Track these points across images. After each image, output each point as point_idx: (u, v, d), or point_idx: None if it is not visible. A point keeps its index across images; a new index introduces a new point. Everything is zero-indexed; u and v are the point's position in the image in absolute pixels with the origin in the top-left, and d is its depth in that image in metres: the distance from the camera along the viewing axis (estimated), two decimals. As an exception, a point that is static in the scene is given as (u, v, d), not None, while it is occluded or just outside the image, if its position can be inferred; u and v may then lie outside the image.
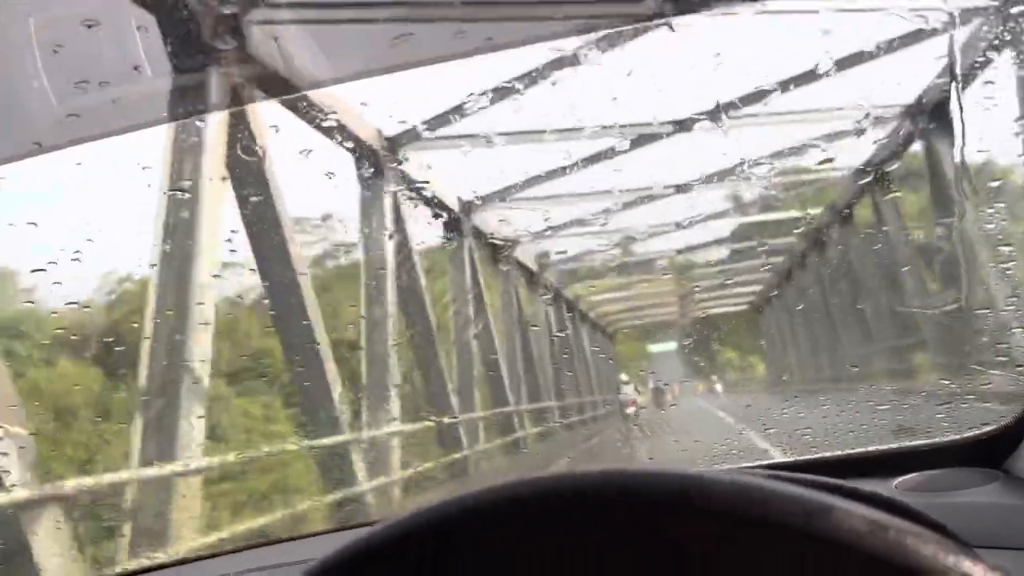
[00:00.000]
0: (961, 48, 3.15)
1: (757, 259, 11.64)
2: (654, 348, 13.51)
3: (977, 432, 1.59)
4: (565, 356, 11.79)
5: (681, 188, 8.18)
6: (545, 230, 10.13)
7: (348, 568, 0.65)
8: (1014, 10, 3.16)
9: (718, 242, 11.50)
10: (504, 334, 10.31)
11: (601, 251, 11.15)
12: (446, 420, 8.78)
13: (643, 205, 9.12)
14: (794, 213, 11.27)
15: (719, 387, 13.18)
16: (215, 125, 4.78)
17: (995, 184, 3.26)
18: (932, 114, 6.78)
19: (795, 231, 11.46)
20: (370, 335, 7.51)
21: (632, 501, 0.61)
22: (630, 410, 10.63)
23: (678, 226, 9.69)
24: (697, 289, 11.91)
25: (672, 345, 13.30)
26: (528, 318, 10.98)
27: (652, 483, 0.61)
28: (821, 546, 0.55)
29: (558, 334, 11.68)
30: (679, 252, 11.33)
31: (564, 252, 11.47)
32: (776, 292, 12.24)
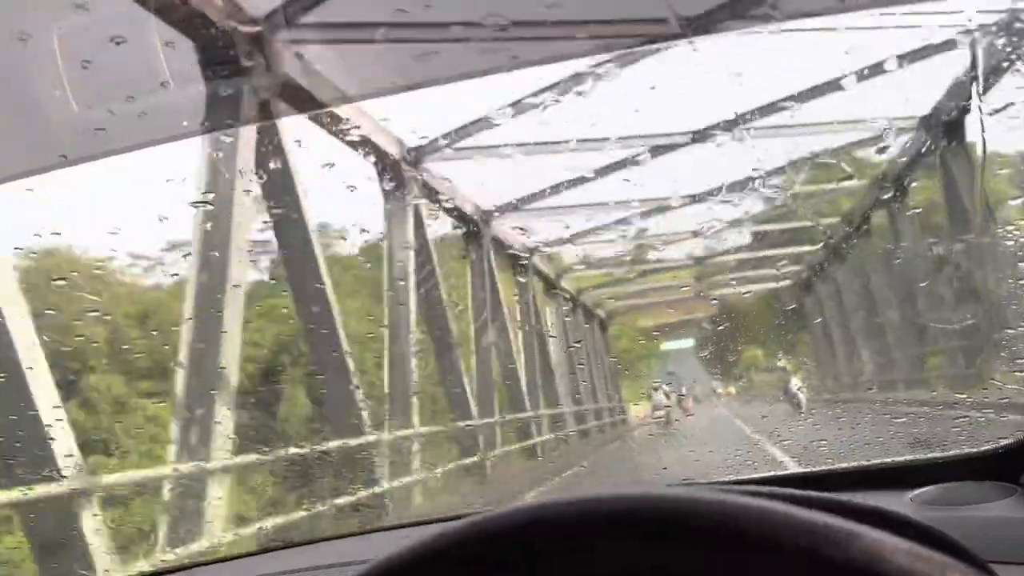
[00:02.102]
0: (982, 67, 3.16)
1: (773, 269, 11.60)
2: (669, 357, 13.42)
3: (994, 445, 1.58)
4: (580, 365, 11.71)
5: (699, 197, 8.16)
6: (564, 238, 10.14)
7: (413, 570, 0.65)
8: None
9: (735, 250, 11.45)
10: (518, 339, 10.22)
11: (619, 258, 11.11)
12: (456, 425, 8.72)
13: (662, 214, 9.06)
14: (811, 225, 11.21)
15: (735, 392, 13.00)
16: (240, 138, 4.83)
17: (1015, 202, 3.26)
18: (952, 132, 6.75)
19: (813, 244, 11.43)
20: (387, 341, 7.43)
21: (635, 525, 0.61)
22: (660, 414, 10.55)
23: (695, 234, 9.65)
24: (713, 302, 11.85)
25: (689, 351, 13.22)
26: (543, 323, 10.93)
27: (653, 507, 0.60)
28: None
29: (574, 343, 11.62)
30: (696, 260, 11.29)
31: (581, 258, 11.39)
32: (793, 305, 12.16)
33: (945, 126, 6.85)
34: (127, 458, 7.52)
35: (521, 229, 9.81)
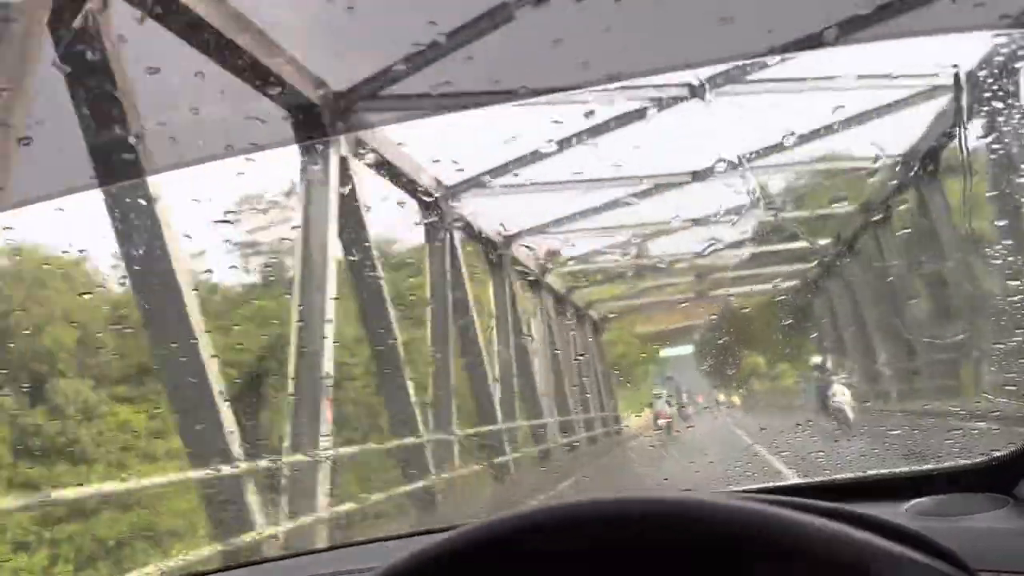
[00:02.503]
0: (967, 95, 3.26)
1: (768, 291, 11.52)
2: (668, 364, 13.22)
3: (987, 457, 1.61)
4: (583, 380, 11.34)
5: (699, 174, 7.56)
6: (547, 223, 8.99)
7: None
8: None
9: (734, 248, 11.23)
10: (501, 341, 9.36)
11: (611, 252, 10.42)
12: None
13: (658, 194, 8.06)
14: (805, 244, 11.12)
15: (739, 401, 12.80)
16: (261, 160, 4.75)
17: (1002, 223, 3.37)
18: (942, 156, 6.78)
19: (809, 261, 11.36)
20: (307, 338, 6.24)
21: (641, 528, 0.65)
22: (662, 422, 10.34)
23: (695, 222, 9.28)
24: (712, 315, 11.68)
25: (688, 358, 13.05)
26: (526, 323, 9.97)
27: (658, 509, 0.65)
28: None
29: (558, 350, 10.88)
30: (696, 255, 10.98)
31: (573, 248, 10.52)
32: (789, 320, 12.12)
33: (935, 151, 6.91)
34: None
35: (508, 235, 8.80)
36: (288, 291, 6.37)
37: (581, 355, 11.55)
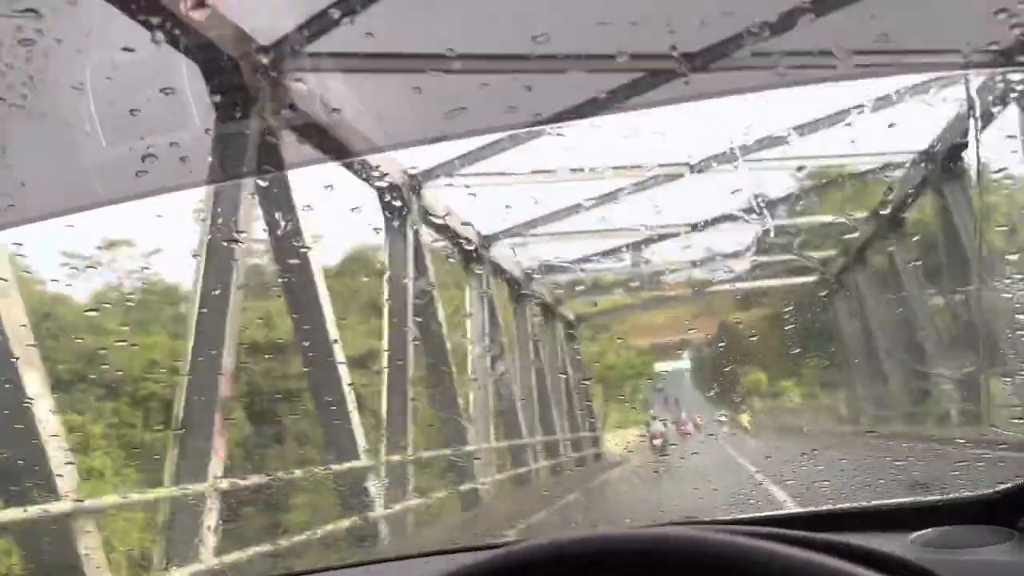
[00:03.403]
0: (980, 124, 3.27)
1: (778, 309, 11.52)
2: (662, 380, 13.14)
3: (992, 490, 1.61)
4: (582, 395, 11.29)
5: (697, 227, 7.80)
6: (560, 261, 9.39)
7: None
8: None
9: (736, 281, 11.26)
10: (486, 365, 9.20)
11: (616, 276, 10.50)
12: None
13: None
14: (813, 274, 11.15)
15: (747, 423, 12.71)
16: (264, 183, 4.81)
17: (1014, 256, 3.36)
18: (952, 187, 6.80)
19: (815, 291, 11.38)
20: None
21: (634, 564, 0.66)
22: (658, 442, 10.26)
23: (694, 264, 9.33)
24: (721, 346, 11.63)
25: (684, 379, 13.00)
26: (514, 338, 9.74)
27: (657, 545, 0.67)
28: None
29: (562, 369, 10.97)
30: (695, 291, 11.04)
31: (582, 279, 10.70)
32: (797, 349, 12.09)
33: (943, 183, 6.94)
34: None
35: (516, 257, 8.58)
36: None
37: (587, 379, 11.49)
